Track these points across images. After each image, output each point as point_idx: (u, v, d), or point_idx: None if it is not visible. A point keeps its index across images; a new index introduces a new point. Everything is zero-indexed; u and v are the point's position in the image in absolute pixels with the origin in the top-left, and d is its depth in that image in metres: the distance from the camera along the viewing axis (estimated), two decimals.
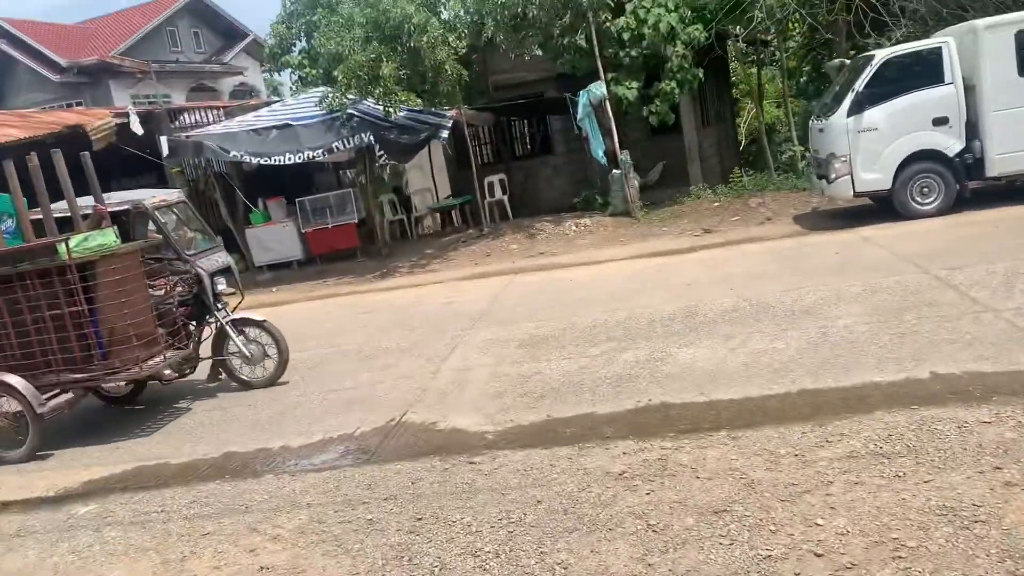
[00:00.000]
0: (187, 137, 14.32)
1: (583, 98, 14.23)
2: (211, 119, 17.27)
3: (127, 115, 14.77)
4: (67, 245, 6.06)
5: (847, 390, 5.02)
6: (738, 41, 19.77)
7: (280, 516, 4.54)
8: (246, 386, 7.51)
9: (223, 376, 7.62)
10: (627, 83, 14.37)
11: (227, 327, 7.40)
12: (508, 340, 7.63)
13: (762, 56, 21.92)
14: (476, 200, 15.80)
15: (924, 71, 10.55)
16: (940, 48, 10.49)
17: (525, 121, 20.16)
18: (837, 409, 4.74)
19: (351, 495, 4.67)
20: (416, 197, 18.42)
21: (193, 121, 17.36)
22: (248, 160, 13.90)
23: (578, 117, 14.66)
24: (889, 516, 3.47)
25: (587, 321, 7.82)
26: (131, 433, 6.69)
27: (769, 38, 18.92)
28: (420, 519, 4.19)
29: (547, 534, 3.82)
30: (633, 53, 14.30)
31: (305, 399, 6.86)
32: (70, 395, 6.61)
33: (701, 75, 14.35)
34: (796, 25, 17.69)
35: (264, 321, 7.58)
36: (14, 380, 6.20)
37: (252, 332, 7.55)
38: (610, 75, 14.28)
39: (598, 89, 13.97)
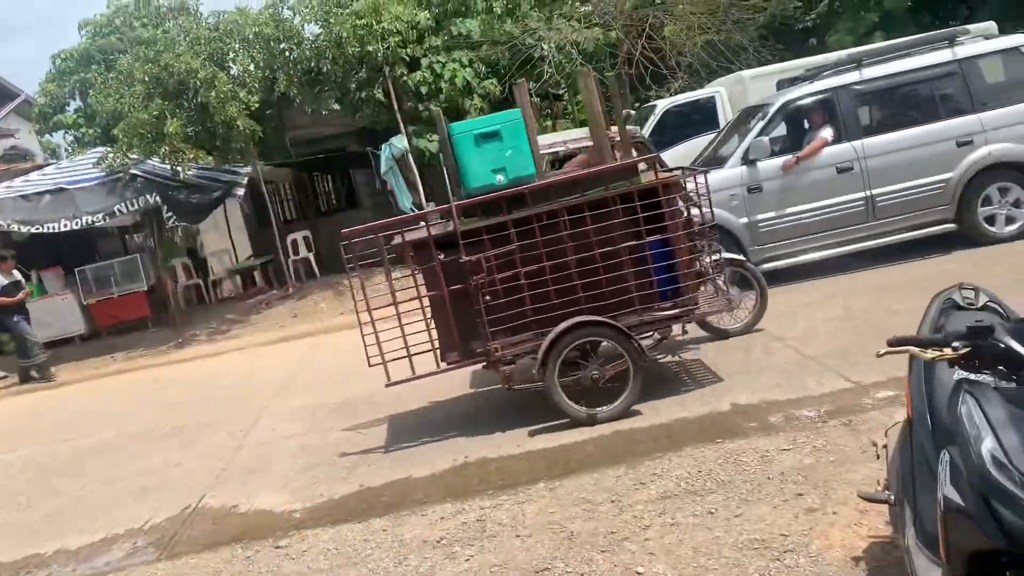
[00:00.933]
0: None
1: (386, 151, 14.10)
2: None
3: None
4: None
5: (657, 428, 5.08)
6: (531, 96, 20.50)
7: None
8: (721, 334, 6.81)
9: None
10: (428, 136, 14.43)
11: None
12: (318, 406, 7.23)
13: (555, 110, 22.86)
14: (279, 259, 15.18)
15: (701, 118, 11.35)
16: (713, 97, 11.33)
17: (328, 176, 19.78)
18: (648, 449, 4.78)
19: None
20: (213, 259, 17.42)
21: None
22: (16, 229, 12.60)
23: (382, 171, 14.51)
24: (705, 556, 3.48)
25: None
26: None
27: (560, 92, 19.77)
28: None
29: None
30: (432, 106, 14.40)
31: (87, 491, 6.13)
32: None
33: None
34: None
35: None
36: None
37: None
38: (411, 128, 14.28)
39: (400, 142, 13.90)
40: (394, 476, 5.16)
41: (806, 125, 8.69)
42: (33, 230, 12.49)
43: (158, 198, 12.71)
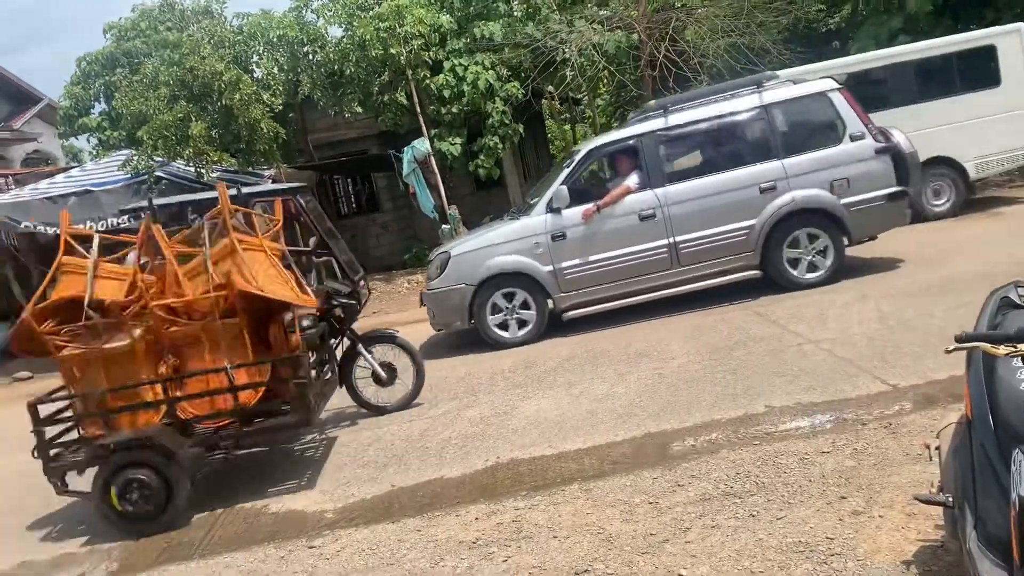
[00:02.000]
0: None
1: (408, 154, 14.14)
2: None
3: None
4: None
5: (690, 430, 5.03)
6: (553, 99, 20.50)
7: None
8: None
9: None
10: (450, 139, 14.46)
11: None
12: (347, 405, 7.20)
13: (574, 113, 22.87)
14: None
15: None
16: None
17: (349, 179, 19.82)
18: (684, 450, 4.72)
19: None
20: None
21: None
22: (43, 230, 12.67)
23: (404, 173, 14.54)
24: (749, 559, 3.42)
25: (427, 380, 7.54)
26: None
27: (580, 96, 19.75)
28: None
29: None
30: (454, 110, 14.45)
31: None
32: None
33: (521, 130, 14.66)
34: (605, 83, 18.56)
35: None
36: None
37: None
38: (433, 131, 14.30)
39: (422, 145, 13.93)
40: (425, 476, 5.13)
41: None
42: (59, 231, 12.54)
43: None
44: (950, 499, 2.64)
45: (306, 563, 4.22)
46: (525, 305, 8.34)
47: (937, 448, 3.02)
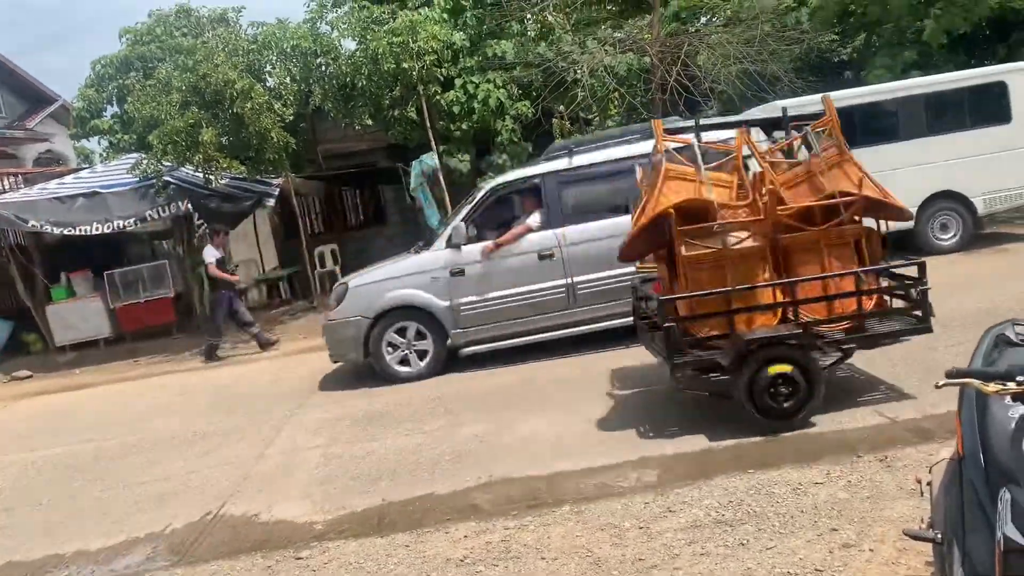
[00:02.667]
0: None
1: (416, 168, 14.17)
2: (7, 186, 15.79)
3: None
4: None
5: (686, 456, 5.00)
6: (562, 118, 20.56)
7: None
8: None
9: None
10: (459, 155, 14.51)
11: None
12: (340, 418, 7.20)
13: (584, 134, 22.87)
14: (305, 271, 15.24)
15: None
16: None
17: (358, 191, 19.89)
18: (677, 476, 4.69)
19: None
20: (239, 269, 17.56)
21: None
22: (49, 230, 12.74)
23: (411, 187, 14.57)
24: None
25: (423, 395, 7.55)
26: None
27: (591, 116, 19.81)
28: None
29: None
30: (464, 126, 14.50)
31: (108, 494, 6.11)
32: None
33: (530, 149, 14.70)
34: (615, 105, 18.63)
35: None
36: None
37: None
38: (442, 147, 14.35)
39: (431, 160, 13.96)
40: (416, 492, 5.10)
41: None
42: (65, 231, 12.60)
43: (189, 205, 12.80)
44: (939, 535, 2.61)
45: (292, 574, 4.19)
46: (422, 339, 8.26)
47: (929, 483, 2.99)
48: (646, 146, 8.21)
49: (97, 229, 12.55)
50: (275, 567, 4.32)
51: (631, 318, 8.00)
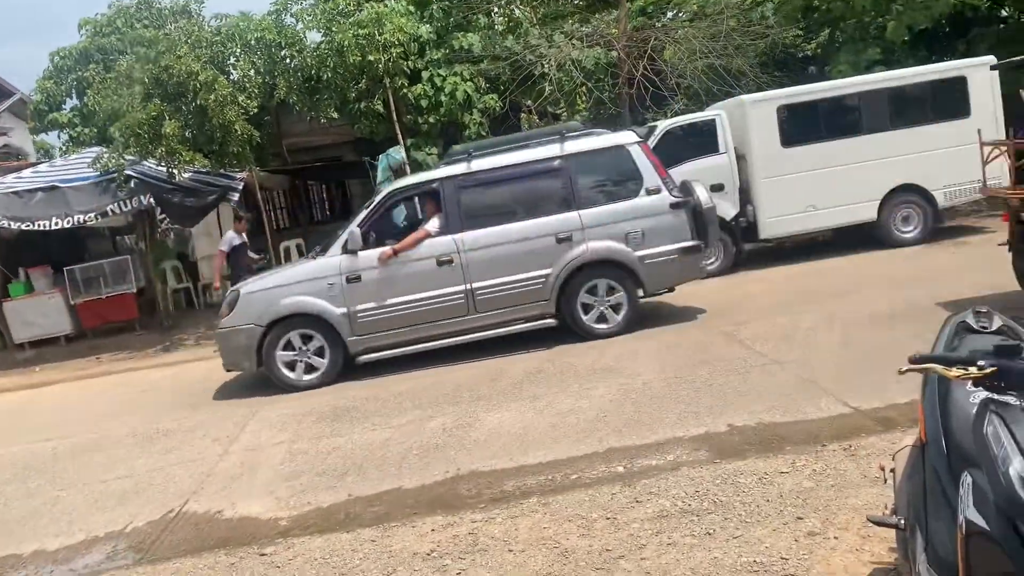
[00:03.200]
0: None
1: (383, 162, 14.07)
2: None
3: None
4: None
5: (652, 447, 5.01)
6: (530, 112, 20.55)
7: None
8: None
9: None
10: (427, 149, 14.44)
11: None
12: (306, 414, 7.12)
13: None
14: (270, 265, 15.04)
15: (701, 141, 11.35)
16: (714, 120, 11.34)
17: (324, 185, 19.72)
18: (644, 467, 4.70)
19: None
20: (203, 263, 17.30)
21: None
22: (6, 225, 12.45)
23: (378, 181, 14.45)
24: None
25: (395, 388, 7.49)
26: None
27: (558, 111, 19.82)
28: None
29: None
30: (431, 119, 14.43)
31: (66, 493, 5.97)
32: None
33: None
34: (583, 99, 18.65)
35: None
36: None
37: None
38: (409, 140, 14.26)
39: (398, 154, 13.87)
40: (384, 487, 5.06)
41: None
42: (24, 226, 12.34)
43: (152, 200, 12.59)
44: (902, 521, 2.63)
45: (256, 571, 4.13)
46: (318, 347, 8.10)
47: (892, 470, 3.02)
48: (546, 151, 8.33)
49: (56, 224, 12.29)
50: (239, 564, 4.25)
51: (533, 322, 8.23)
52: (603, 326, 8.23)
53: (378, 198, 8.46)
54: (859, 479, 4.08)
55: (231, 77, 13.64)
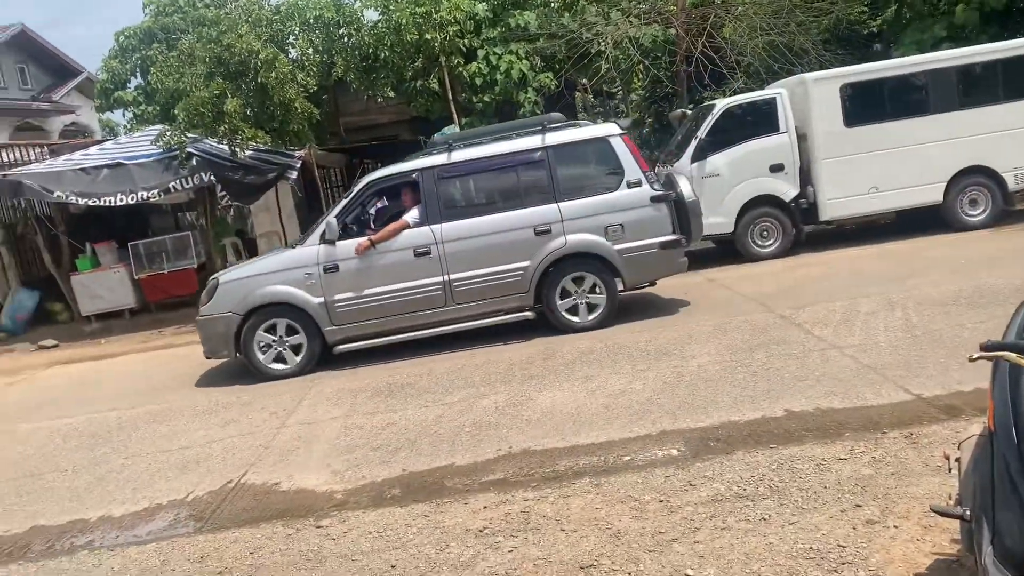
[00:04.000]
0: (4, 176, 13.04)
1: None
2: (34, 157, 15.90)
3: None
4: None
5: (706, 430, 4.96)
6: (586, 91, 20.38)
7: None
8: None
9: None
10: (481, 127, 14.40)
11: None
12: (361, 389, 7.22)
13: (608, 107, 22.72)
14: None
15: (760, 120, 11.12)
16: (774, 99, 11.09)
17: (379, 164, 19.85)
18: (698, 450, 4.66)
19: (179, 570, 4.13)
20: (262, 240, 17.61)
21: (13, 159, 15.92)
22: (75, 201, 12.81)
23: None
24: (759, 562, 3.36)
25: (445, 366, 7.55)
26: None
27: (614, 89, 19.64)
28: None
29: None
30: (486, 98, 14.40)
31: (131, 462, 6.16)
32: None
33: None
34: (640, 77, 18.42)
35: None
36: None
37: None
38: (464, 119, 14.27)
39: (452, 132, 13.88)
40: (437, 463, 5.11)
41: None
42: (91, 202, 12.67)
43: (213, 177, 12.83)
44: (967, 512, 2.56)
45: (312, 543, 4.22)
46: (295, 335, 8.15)
47: (957, 460, 2.94)
48: (527, 142, 8.26)
49: (121, 200, 12.60)
50: (296, 535, 4.35)
51: (511, 315, 8.22)
52: (580, 319, 8.18)
53: (356, 188, 8.47)
54: (920, 468, 3.99)
55: (290, 55, 13.79)
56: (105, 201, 12.61)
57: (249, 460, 5.75)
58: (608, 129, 8.44)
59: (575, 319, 8.18)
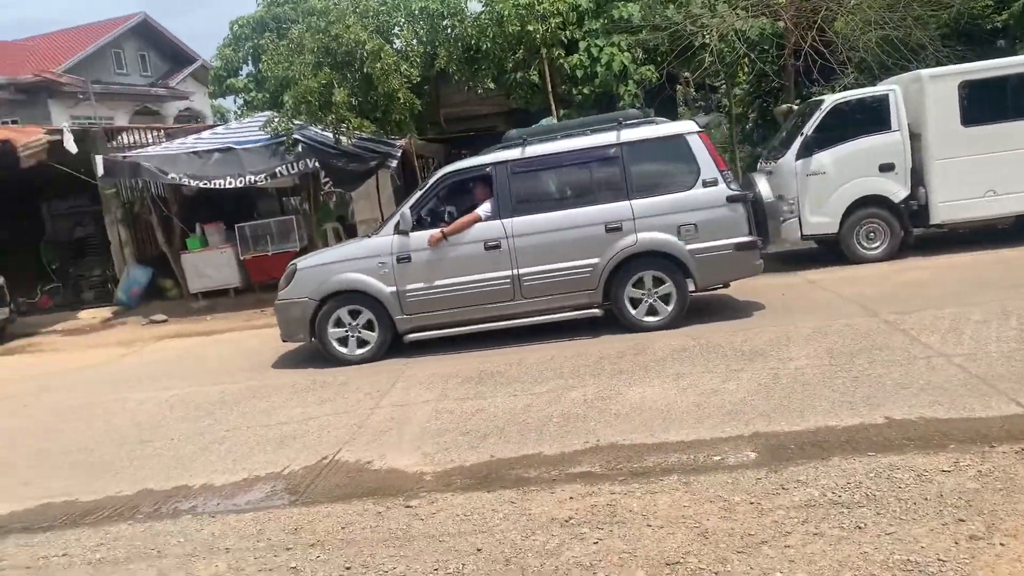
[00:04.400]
0: (124, 157, 13.76)
1: None
2: (151, 140, 16.73)
3: (60, 132, 14.17)
4: None
5: (801, 434, 4.84)
6: (688, 85, 20.03)
7: (195, 563, 4.15)
8: None
9: None
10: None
11: None
12: (452, 375, 7.33)
13: (710, 101, 22.26)
14: None
15: (871, 118, 10.71)
16: (887, 96, 10.67)
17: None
18: (792, 454, 4.55)
19: (275, 540, 4.30)
20: (362, 227, 18.05)
21: (132, 142, 16.78)
22: (187, 183, 13.40)
23: None
24: (851, 571, 3.26)
25: (535, 357, 7.59)
26: (37, 467, 6.20)
27: (717, 83, 19.22)
28: (348, 568, 3.85)
29: None
30: (585, 91, 14.35)
31: (232, 434, 6.44)
32: None
33: (652, 114, 14.41)
34: (744, 71, 17.99)
35: None
36: None
37: None
38: (562, 111, 14.26)
39: (544, 125, 13.89)
40: (525, 451, 5.15)
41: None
42: (202, 185, 13.24)
43: (317, 163, 13.21)
44: None
45: (401, 522, 4.31)
46: (369, 325, 8.37)
47: None
48: (602, 138, 8.17)
49: (230, 183, 13.10)
50: (386, 513, 4.45)
51: (579, 311, 8.19)
52: (650, 319, 8.08)
53: (431, 180, 8.60)
54: None
55: (395, 46, 14.06)
56: (215, 184, 13.14)
57: (343, 438, 5.92)
58: (685, 127, 8.30)
59: (645, 318, 8.09)
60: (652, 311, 8.09)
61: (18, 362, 11.85)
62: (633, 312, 8.09)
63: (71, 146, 13.82)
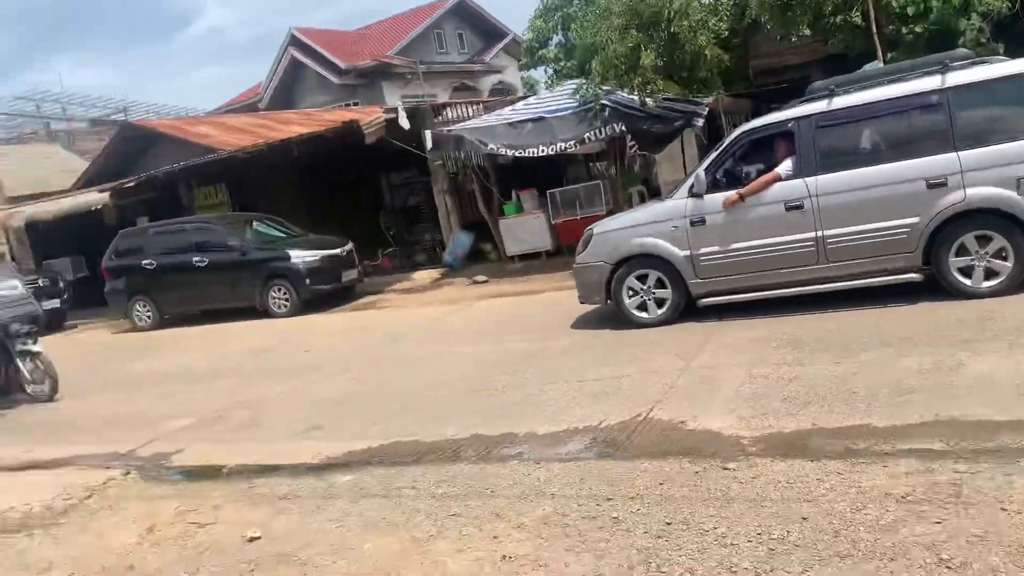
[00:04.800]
0: (448, 131, 14.95)
1: None
2: (471, 114, 17.96)
3: (396, 111, 15.71)
4: None
5: None
6: None
7: (524, 504, 4.46)
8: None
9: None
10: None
11: None
12: (763, 339, 7.08)
13: None
14: None
15: None
16: None
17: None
18: None
19: (595, 490, 4.48)
20: (666, 189, 17.98)
21: (454, 116, 18.15)
22: (504, 152, 14.23)
23: None
24: None
25: (854, 321, 7.09)
26: (385, 412, 7.01)
27: None
28: (669, 523, 3.90)
29: (815, 556, 3.38)
30: (918, 29, 12.92)
31: (549, 388, 6.79)
32: None
33: (1001, 51, 12.63)
34: None
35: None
36: None
37: None
38: (889, 54, 12.99)
39: (874, 69, 12.73)
40: (850, 421, 4.85)
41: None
42: (517, 154, 13.97)
43: (623, 127, 13.32)
44: None
45: (720, 483, 4.28)
46: (661, 287, 8.26)
47: None
48: (922, 83, 7.14)
49: (542, 151, 13.70)
50: (703, 473, 4.44)
51: (893, 276, 7.32)
52: (981, 284, 7.05)
53: (727, 140, 8.16)
54: None
55: (703, 1, 13.70)
56: (529, 152, 13.81)
57: (655, 397, 5.98)
58: (1021, 65, 7.09)
59: (975, 285, 7.14)
60: (988, 274, 7.17)
61: (365, 317, 13.47)
62: (960, 276, 7.22)
63: (405, 123, 15.29)
